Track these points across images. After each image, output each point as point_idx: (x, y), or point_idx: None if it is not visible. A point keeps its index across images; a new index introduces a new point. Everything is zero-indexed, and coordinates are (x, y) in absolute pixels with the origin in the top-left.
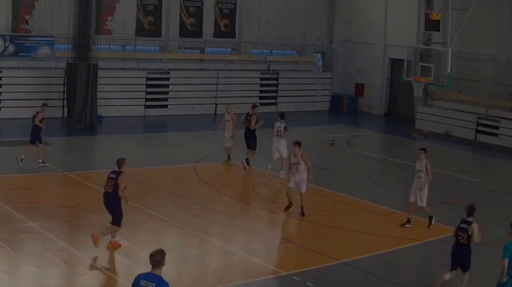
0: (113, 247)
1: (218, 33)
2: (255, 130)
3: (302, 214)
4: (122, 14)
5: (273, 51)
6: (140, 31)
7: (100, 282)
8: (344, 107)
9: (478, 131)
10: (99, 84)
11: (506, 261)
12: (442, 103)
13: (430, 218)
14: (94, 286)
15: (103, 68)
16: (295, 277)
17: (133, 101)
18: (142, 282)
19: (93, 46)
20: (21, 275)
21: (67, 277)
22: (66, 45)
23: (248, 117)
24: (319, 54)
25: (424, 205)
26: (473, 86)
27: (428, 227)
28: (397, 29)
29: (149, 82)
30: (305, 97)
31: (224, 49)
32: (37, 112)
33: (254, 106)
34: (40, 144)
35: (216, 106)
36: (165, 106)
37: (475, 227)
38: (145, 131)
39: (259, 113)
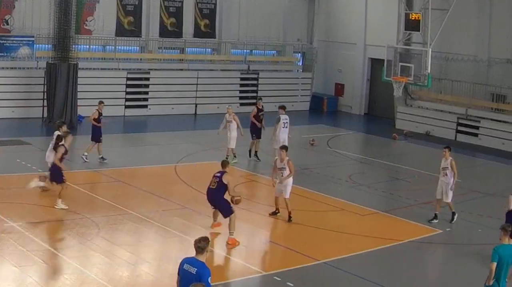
0: (232, 244)
1: (198, 33)
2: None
3: (289, 219)
4: (102, 14)
5: (253, 51)
6: (120, 31)
7: (80, 282)
8: (324, 107)
9: (458, 131)
10: (79, 84)
11: (494, 264)
12: (422, 103)
13: (453, 214)
14: (74, 286)
15: (83, 68)
16: (275, 277)
17: (113, 101)
18: (186, 266)
19: (73, 46)
20: (1, 275)
21: (48, 277)
22: (46, 45)
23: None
24: (299, 54)
25: (449, 201)
26: (453, 86)
27: (450, 222)
28: (377, 29)
29: (129, 82)
30: (285, 97)
31: (204, 49)
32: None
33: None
34: (94, 142)
35: (196, 106)
36: (145, 106)
37: None
38: (125, 131)
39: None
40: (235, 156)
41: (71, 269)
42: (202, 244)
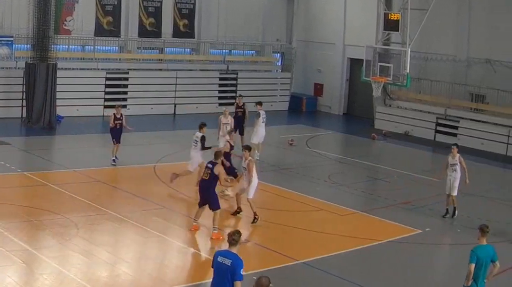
0: (217, 238)
1: (177, 33)
2: None
3: (254, 220)
4: (81, 14)
5: (232, 51)
6: (99, 31)
7: (59, 282)
8: (303, 107)
9: (437, 131)
10: (58, 84)
11: (473, 266)
12: (401, 103)
13: (454, 209)
14: (53, 285)
15: (62, 68)
16: (254, 277)
17: (92, 101)
18: (220, 258)
19: (52, 46)
20: None
21: (27, 277)
22: (25, 45)
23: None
24: (278, 54)
25: (455, 194)
26: (432, 86)
27: (452, 217)
28: (356, 29)
29: (108, 82)
30: (264, 97)
31: (183, 49)
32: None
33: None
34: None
35: (175, 106)
36: (124, 106)
37: None
38: (104, 131)
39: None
40: None
41: (50, 269)
42: (236, 237)
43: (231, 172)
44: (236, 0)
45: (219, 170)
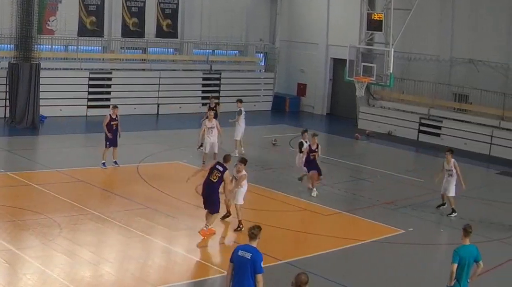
0: (210, 234)
1: (160, 33)
2: None
3: (238, 228)
4: (64, 14)
5: (215, 51)
6: (83, 31)
7: (42, 282)
8: (286, 107)
9: (420, 131)
10: (41, 84)
11: (455, 266)
12: (384, 103)
13: (453, 209)
14: (36, 285)
15: (45, 68)
16: None
17: (75, 101)
18: (240, 252)
19: (36, 46)
20: None
21: (10, 277)
22: (8, 45)
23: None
24: (262, 54)
25: (451, 195)
26: (415, 86)
27: (448, 215)
28: (340, 29)
29: (91, 82)
30: (248, 97)
31: (166, 49)
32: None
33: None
34: (109, 146)
35: (158, 106)
36: (107, 106)
37: None
38: (88, 131)
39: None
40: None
41: (33, 269)
42: (255, 231)
43: None
44: (219, 0)
45: (228, 175)
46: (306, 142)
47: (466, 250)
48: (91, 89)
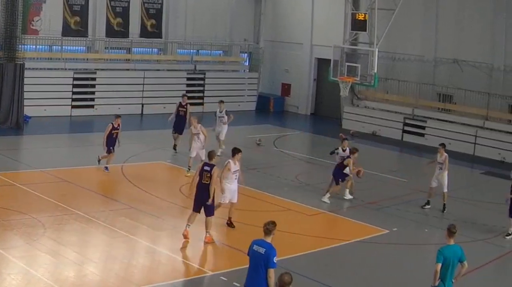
0: (209, 241)
1: (144, 33)
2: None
3: (231, 224)
4: (48, 14)
5: (200, 51)
6: (67, 31)
7: (26, 282)
8: (270, 107)
9: (404, 131)
10: (25, 84)
11: (439, 266)
12: (368, 103)
13: (444, 205)
14: (21, 285)
15: (29, 68)
16: (222, 277)
17: (59, 101)
18: (255, 247)
19: (20, 46)
20: None
21: None
22: None
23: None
24: (246, 54)
25: (446, 190)
26: (399, 86)
27: (442, 212)
28: (324, 29)
29: (75, 82)
30: (232, 97)
31: (150, 49)
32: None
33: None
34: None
35: (142, 106)
36: (92, 106)
37: None
38: (72, 131)
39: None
40: (189, 168)
41: (17, 269)
42: (270, 227)
43: None
44: (204, 0)
45: (217, 172)
46: (344, 150)
47: (450, 250)
48: (75, 89)
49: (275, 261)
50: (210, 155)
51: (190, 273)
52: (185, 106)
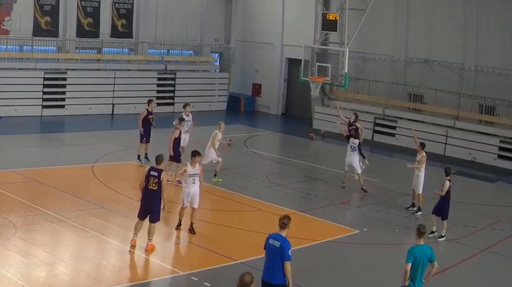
0: (151, 250)
1: (115, 33)
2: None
3: (192, 230)
4: (19, 14)
5: (170, 51)
6: (38, 31)
7: None
8: (241, 107)
9: (375, 131)
10: None
11: (409, 265)
12: (339, 103)
13: (419, 207)
14: None
15: (0, 68)
16: (193, 277)
17: (30, 101)
18: (271, 240)
19: None
20: None
21: None
22: None
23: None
24: (217, 54)
25: (420, 192)
26: (370, 87)
27: (416, 213)
28: (295, 29)
29: (46, 82)
30: (203, 97)
31: (121, 49)
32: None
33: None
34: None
35: (113, 106)
36: (62, 106)
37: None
38: (43, 131)
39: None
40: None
41: None
42: (286, 221)
43: None
44: (174, 1)
45: (165, 177)
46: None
47: (420, 250)
48: (46, 89)
49: (290, 254)
50: (158, 159)
51: (161, 273)
52: (152, 112)
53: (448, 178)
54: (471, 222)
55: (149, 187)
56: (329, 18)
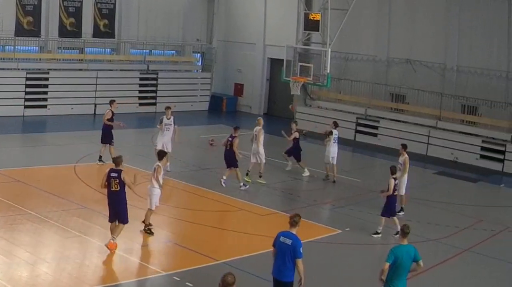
0: (112, 248)
1: (97, 33)
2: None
3: (149, 231)
4: (1, 14)
5: (153, 51)
6: (20, 31)
7: None
8: (223, 107)
9: (357, 131)
10: None
11: (387, 265)
12: (321, 103)
13: (401, 208)
14: None
15: None
16: (175, 277)
17: (12, 101)
18: (282, 238)
19: None
20: None
21: None
22: None
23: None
24: (199, 54)
25: (403, 193)
26: (352, 87)
27: (398, 212)
28: (277, 29)
29: (28, 82)
30: (185, 97)
31: (103, 49)
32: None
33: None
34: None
35: (95, 106)
36: (45, 106)
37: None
38: (25, 131)
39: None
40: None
41: None
42: (296, 219)
43: None
44: (157, 1)
45: (126, 177)
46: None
47: (403, 249)
48: (28, 89)
49: (301, 251)
50: (116, 161)
51: (143, 273)
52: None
53: (394, 176)
54: (453, 222)
55: (112, 189)
56: (311, 18)
